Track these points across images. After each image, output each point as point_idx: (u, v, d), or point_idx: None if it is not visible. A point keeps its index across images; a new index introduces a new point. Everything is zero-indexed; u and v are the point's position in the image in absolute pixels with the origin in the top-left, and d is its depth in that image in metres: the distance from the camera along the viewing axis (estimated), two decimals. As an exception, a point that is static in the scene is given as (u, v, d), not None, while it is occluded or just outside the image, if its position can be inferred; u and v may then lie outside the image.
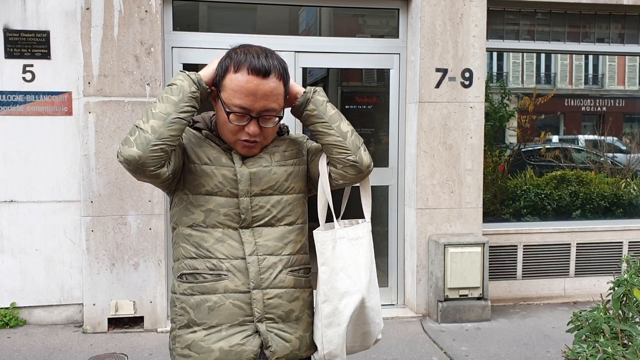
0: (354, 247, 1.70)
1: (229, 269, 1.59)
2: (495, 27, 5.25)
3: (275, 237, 1.63)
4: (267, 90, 1.56)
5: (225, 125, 1.61)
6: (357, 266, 1.68)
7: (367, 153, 1.71)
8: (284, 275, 1.63)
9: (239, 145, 1.63)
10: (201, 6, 5.17)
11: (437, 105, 4.77)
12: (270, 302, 1.60)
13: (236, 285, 1.58)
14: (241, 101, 1.56)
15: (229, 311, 1.58)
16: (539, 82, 5.86)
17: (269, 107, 1.59)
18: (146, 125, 1.49)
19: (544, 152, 5.82)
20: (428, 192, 4.79)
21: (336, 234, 1.68)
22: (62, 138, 4.57)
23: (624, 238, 5.45)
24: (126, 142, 1.49)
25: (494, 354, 4.09)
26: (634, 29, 5.55)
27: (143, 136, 1.47)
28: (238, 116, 1.58)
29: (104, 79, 4.37)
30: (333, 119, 1.68)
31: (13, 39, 4.46)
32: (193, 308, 1.59)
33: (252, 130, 1.59)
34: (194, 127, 1.70)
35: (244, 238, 1.60)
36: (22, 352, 4.08)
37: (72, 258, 4.62)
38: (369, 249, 1.73)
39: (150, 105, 1.54)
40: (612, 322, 1.90)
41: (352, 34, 5.59)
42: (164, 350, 4.09)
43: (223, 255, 1.59)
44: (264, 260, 1.61)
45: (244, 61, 1.56)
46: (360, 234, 1.72)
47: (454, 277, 4.62)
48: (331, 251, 1.66)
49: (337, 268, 1.65)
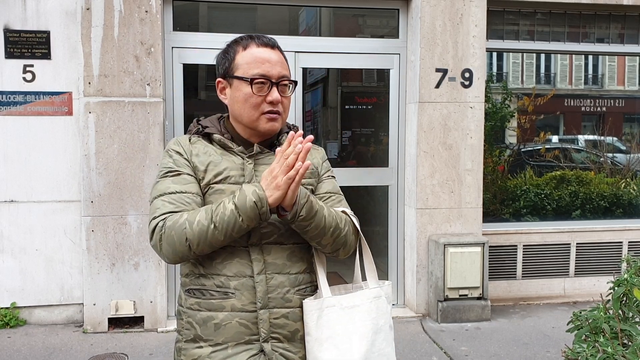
0: (347, 315, 1.62)
1: (236, 287, 1.57)
2: (495, 27, 5.26)
3: (284, 256, 1.61)
4: (278, 58, 1.63)
5: (247, 102, 1.60)
6: (350, 336, 1.60)
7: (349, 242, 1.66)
8: (291, 295, 1.61)
9: (263, 120, 1.61)
10: (201, 6, 5.17)
11: (437, 106, 4.77)
12: (276, 322, 1.59)
13: (243, 304, 1.57)
14: (259, 69, 1.59)
15: (235, 330, 1.57)
16: (539, 82, 5.86)
17: (284, 74, 1.62)
18: (195, 247, 1.51)
19: (543, 152, 5.82)
20: (428, 192, 4.80)
21: (323, 302, 1.61)
22: (62, 138, 4.58)
23: (623, 238, 5.45)
24: (169, 243, 1.51)
25: (493, 353, 4.10)
26: (634, 29, 5.55)
27: (187, 253, 1.52)
28: (259, 86, 1.59)
29: (104, 79, 4.37)
30: (317, 235, 1.59)
31: (13, 39, 4.46)
32: (200, 324, 1.58)
33: (275, 96, 1.59)
34: (204, 133, 1.67)
35: (253, 256, 1.58)
36: (22, 352, 4.08)
37: (72, 258, 4.62)
38: (369, 317, 1.63)
39: (205, 227, 1.48)
40: (612, 322, 1.90)
41: (352, 34, 5.59)
42: (164, 350, 4.09)
43: (231, 273, 1.57)
44: (272, 279, 1.59)
45: (250, 39, 1.63)
46: (357, 302, 1.64)
47: (453, 277, 4.62)
48: (315, 321, 1.59)
49: (321, 338, 1.59)
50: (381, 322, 1.66)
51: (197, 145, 1.64)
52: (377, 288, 1.69)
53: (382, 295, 1.68)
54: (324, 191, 1.73)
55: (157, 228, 1.52)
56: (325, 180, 1.75)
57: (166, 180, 1.59)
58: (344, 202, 1.76)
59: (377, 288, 1.69)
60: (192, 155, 1.62)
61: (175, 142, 1.67)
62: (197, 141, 1.66)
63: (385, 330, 1.67)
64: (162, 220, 1.53)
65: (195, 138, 1.66)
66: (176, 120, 4.65)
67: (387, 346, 1.67)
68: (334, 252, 1.66)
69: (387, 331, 1.68)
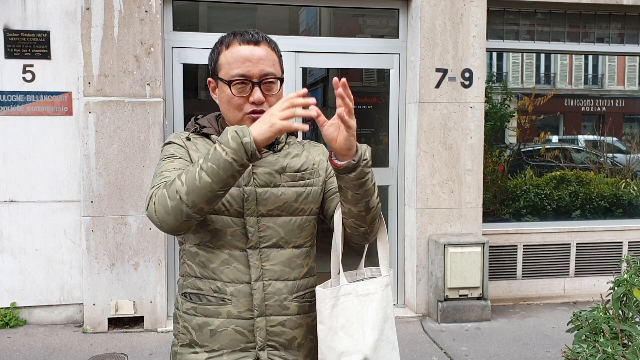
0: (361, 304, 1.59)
1: (233, 293, 1.55)
2: (495, 27, 5.26)
3: (282, 262, 1.58)
4: (261, 55, 1.55)
5: (230, 103, 1.56)
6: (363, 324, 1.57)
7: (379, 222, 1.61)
8: (288, 302, 1.58)
9: (247, 122, 1.54)
10: (201, 6, 5.17)
11: (437, 106, 4.77)
12: (273, 329, 1.57)
13: (240, 311, 1.55)
14: (239, 69, 1.53)
15: (231, 337, 1.55)
16: (539, 82, 5.86)
17: (268, 71, 1.55)
18: (187, 198, 1.39)
19: (543, 152, 5.82)
20: (428, 192, 4.80)
21: (340, 290, 1.57)
22: (62, 138, 4.57)
23: (623, 238, 5.45)
24: (161, 203, 1.41)
25: (493, 354, 4.10)
26: (634, 29, 5.55)
27: (180, 208, 1.39)
28: (240, 87, 1.54)
29: (104, 79, 4.37)
30: (369, 192, 1.51)
31: (13, 39, 4.46)
32: (195, 329, 1.57)
33: (257, 97, 1.53)
34: (202, 132, 1.64)
35: (251, 262, 1.55)
36: (22, 352, 4.08)
37: (72, 258, 4.62)
38: (380, 306, 1.61)
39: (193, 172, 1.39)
40: (612, 322, 1.90)
41: (352, 34, 5.59)
42: (164, 350, 4.09)
43: (228, 278, 1.55)
44: (269, 286, 1.56)
45: (232, 37, 1.58)
46: (372, 289, 1.61)
47: (453, 277, 4.62)
48: (330, 309, 1.56)
49: (335, 327, 1.56)
50: (389, 311, 1.65)
51: (196, 141, 1.63)
52: (388, 276, 1.66)
53: (389, 284, 1.67)
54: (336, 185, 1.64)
55: (152, 195, 1.46)
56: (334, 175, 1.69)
57: (167, 161, 1.56)
58: None
59: (388, 276, 1.66)
60: (190, 150, 1.61)
61: (174, 136, 1.65)
62: (195, 139, 1.64)
63: (391, 319, 1.66)
64: (157, 188, 1.47)
65: (193, 136, 1.64)
66: (176, 120, 4.65)
67: (392, 334, 1.67)
68: (370, 225, 1.58)
69: (392, 319, 1.67)
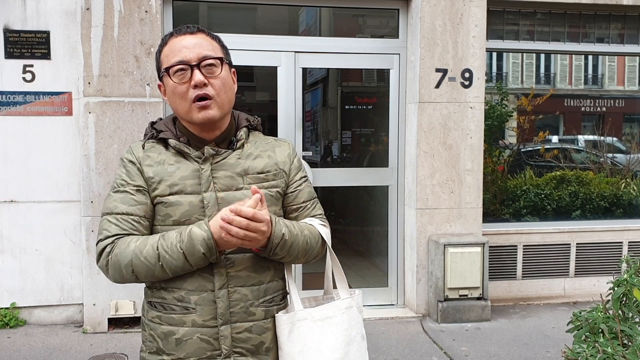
0: (318, 328, 1.59)
1: (197, 302, 1.53)
2: (495, 27, 5.26)
3: (248, 267, 1.56)
4: (198, 41, 1.54)
5: (174, 94, 1.54)
6: (321, 349, 1.57)
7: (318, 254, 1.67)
8: (254, 308, 1.57)
9: (195, 111, 1.52)
10: (201, 6, 5.17)
11: (437, 106, 4.77)
12: (239, 336, 1.56)
13: (204, 319, 1.53)
14: (176, 57, 1.52)
15: (196, 345, 1.54)
16: (539, 83, 5.86)
17: (206, 54, 1.53)
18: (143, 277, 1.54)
19: (543, 152, 5.82)
20: (428, 192, 4.80)
21: (295, 316, 1.59)
22: (62, 138, 4.57)
23: (623, 238, 5.45)
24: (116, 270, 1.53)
25: (494, 354, 4.10)
26: (634, 29, 5.55)
27: (135, 280, 1.54)
28: (180, 73, 1.52)
29: (104, 79, 4.37)
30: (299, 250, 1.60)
31: (13, 39, 4.46)
32: (161, 338, 1.57)
33: (197, 79, 1.50)
34: (159, 138, 1.60)
35: (215, 269, 1.53)
36: (22, 352, 4.08)
37: (72, 258, 4.62)
38: (341, 329, 1.60)
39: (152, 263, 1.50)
40: (612, 322, 1.90)
41: (352, 34, 5.59)
42: (164, 350, 4.09)
43: (192, 287, 1.53)
44: (234, 292, 1.55)
45: (170, 35, 1.59)
46: (329, 313, 1.61)
47: (453, 277, 4.62)
48: (287, 335, 1.57)
49: (293, 352, 1.57)
50: (353, 333, 1.63)
51: (150, 153, 1.59)
52: (349, 298, 1.66)
53: (353, 306, 1.66)
54: (300, 201, 1.68)
55: (104, 252, 1.53)
56: (300, 189, 1.69)
57: (116, 196, 1.56)
58: (318, 205, 1.74)
59: (349, 298, 1.66)
60: (144, 165, 1.57)
61: (128, 151, 1.62)
62: (152, 147, 1.60)
63: (357, 341, 1.64)
64: (110, 244, 1.52)
65: (150, 144, 1.61)
66: (176, 120, 4.64)
67: (360, 357, 1.65)
68: (314, 258, 1.68)
69: (359, 342, 1.65)
